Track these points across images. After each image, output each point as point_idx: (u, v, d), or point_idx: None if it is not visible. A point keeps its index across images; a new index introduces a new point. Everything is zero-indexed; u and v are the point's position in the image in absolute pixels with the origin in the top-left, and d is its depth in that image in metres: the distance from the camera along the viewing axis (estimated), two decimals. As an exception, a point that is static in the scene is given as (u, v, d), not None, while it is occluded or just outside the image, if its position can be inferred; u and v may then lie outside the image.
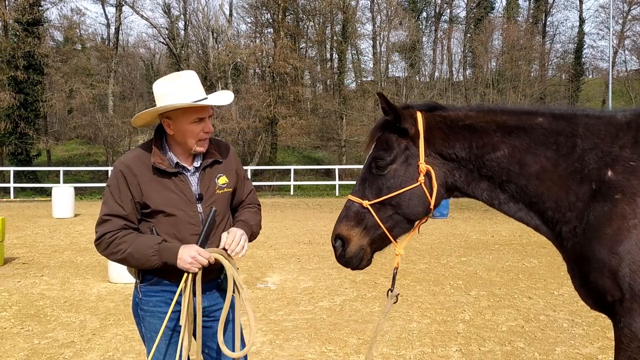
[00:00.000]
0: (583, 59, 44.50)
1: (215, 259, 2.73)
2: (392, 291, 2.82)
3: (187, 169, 2.83)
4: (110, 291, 7.99)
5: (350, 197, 2.73)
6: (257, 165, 35.32)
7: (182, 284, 2.73)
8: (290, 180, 31.56)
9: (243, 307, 2.84)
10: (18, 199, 27.77)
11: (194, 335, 2.81)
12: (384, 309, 2.84)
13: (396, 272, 2.81)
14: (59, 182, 28.23)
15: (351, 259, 2.68)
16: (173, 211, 2.74)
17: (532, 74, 42.39)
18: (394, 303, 2.81)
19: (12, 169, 29.50)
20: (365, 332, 6.02)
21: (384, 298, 7.46)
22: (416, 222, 2.74)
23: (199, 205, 2.80)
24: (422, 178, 2.60)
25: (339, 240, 2.70)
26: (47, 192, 28.03)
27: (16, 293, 7.88)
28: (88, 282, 8.59)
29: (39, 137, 33.45)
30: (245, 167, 3.11)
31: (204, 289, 2.82)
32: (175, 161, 2.81)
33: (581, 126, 2.50)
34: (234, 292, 2.83)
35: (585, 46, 44.49)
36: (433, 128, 2.65)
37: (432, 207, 2.65)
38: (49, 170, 33.50)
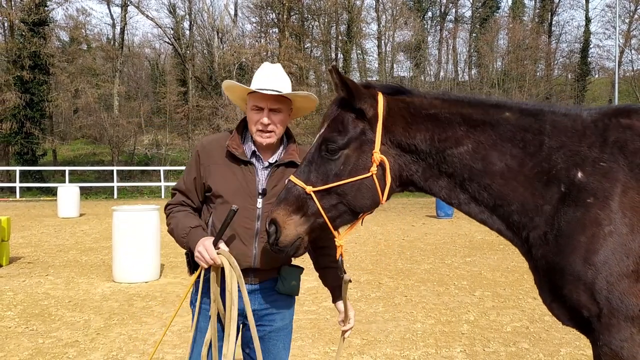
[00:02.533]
0: (589, 59, 44.33)
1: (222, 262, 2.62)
2: (344, 278, 2.65)
3: (262, 161, 2.79)
4: (114, 291, 8.01)
5: (293, 178, 2.41)
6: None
7: (193, 278, 2.72)
8: (295, 180, 31.52)
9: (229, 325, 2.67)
10: (24, 199, 27.91)
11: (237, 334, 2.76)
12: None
13: (342, 261, 2.57)
14: (64, 182, 28.30)
15: (285, 247, 2.39)
16: (230, 199, 2.69)
17: (537, 74, 42.26)
18: (348, 282, 2.68)
19: (18, 168, 29.68)
20: (369, 332, 6.00)
21: (388, 298, 7.44)
22: (361, 215, 2.46)
23: (260, 201, 2.73)
24: (374, 168, 2.33)
25: (273, 226, 2.38)
26: (52, 192, 28.15)
27: (21, 292, 7.90)
28: (92, 282, 8.61)
29: (45, 137, 33.66)
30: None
31: (253, 290, 2.74)
32: (252, 150, 2.78)
33: (548, 123, 2.32)
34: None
35: (591, 45, 44.35)
36: (394, 114, 2.37)
37: (381, 201, 2.40)
38: (55, 170, 33.67)
